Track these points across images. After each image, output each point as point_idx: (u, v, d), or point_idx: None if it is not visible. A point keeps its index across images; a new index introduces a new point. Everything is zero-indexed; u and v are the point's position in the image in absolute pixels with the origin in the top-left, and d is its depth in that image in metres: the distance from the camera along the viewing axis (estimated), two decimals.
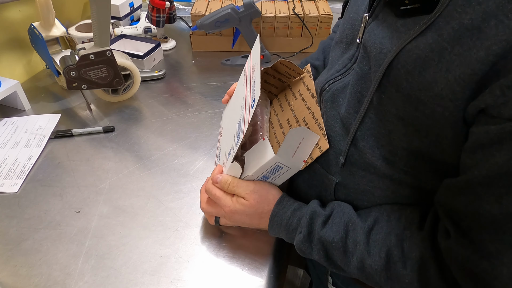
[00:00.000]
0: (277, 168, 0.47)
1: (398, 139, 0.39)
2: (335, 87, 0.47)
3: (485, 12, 0.29)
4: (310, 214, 0.45)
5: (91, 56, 0.70)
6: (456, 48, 0.31)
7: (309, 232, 0.44)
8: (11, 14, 0.82)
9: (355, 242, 0.42)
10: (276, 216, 0.47)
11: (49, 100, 0.81)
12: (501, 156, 0.30)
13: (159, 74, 0.90)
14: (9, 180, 0.60)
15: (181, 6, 1.27)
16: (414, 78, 0.34)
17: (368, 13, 0.42)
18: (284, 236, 0.48)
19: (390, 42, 0.36)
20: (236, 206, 0.48)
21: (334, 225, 0.44)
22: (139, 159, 0.66)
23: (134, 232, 0.53)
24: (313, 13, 0.97)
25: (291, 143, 0.45)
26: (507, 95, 0.28)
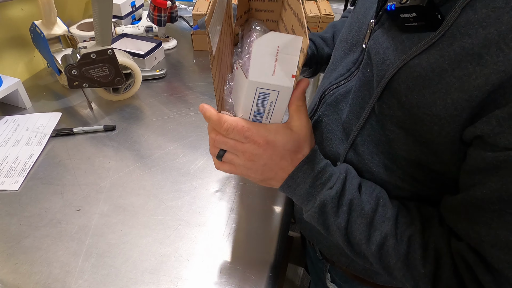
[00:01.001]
0: (263, 96, 0.37)
1: (399, 148, 0.39)
2: (338, 91, 0.47)
3: (486, 38, 0.29)
4: (346, 173, 0.41)
5: (92, 54, 0.70)
6: (456, 71, 0.31)
7: (342, 190, 0.40)
8: (13, 12, 0.82)
9: (384, 218, 0.39)
10: (308, 163, 0.40)
11: (50, 99, 0.81)
12: (496, 182, 0.31)
13: (160, 73, 0.90)
14: (10, 178, 0.61)
15: (183, 6, 1.27)
16: (413, 95, 0.34)
17: (374, 20, 0.42)
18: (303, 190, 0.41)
19: (393, 54, 0.37)
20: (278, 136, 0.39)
21: (365, 194, 0.41)
22: (139, 158, 0.66)
23: (134, 230, 0.53)
24: (314, 13, 0.97)
25: (264, 58, 0.34)
26: (503, 125, 0.29)
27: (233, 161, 0.41)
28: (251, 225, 0.55)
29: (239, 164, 0.41)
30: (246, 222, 0.56)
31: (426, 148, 0.37)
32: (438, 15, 0.32)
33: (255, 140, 0.38)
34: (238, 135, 0.38)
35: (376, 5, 0.43)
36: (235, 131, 0.38)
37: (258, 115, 0.39)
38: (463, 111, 0.31)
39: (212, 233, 0.54)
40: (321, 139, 0.49)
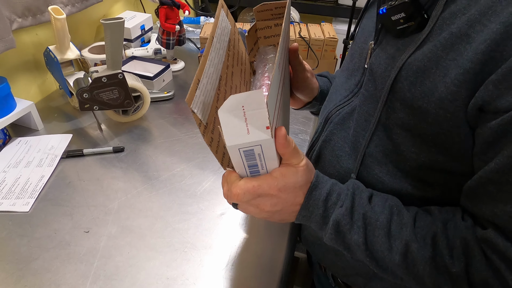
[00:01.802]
0: (248, 153, 0.36)
1: (408, 151, 0.41)
2: (344, 111, 0.50)
3: (469, 19, 0.33)
4: (353, 188, 0.42)
5: (103, 78, 0.72)
6: (450, 55, 0.34)
7: (352, 205, 0.40)
8: (29, 37, 0.85)
9: (401, 225, 0.39)
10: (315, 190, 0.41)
11: (62, 120, 0.84)
12: (508, 147, 0.31)
13: (168, 95, 0.92)
14: (21, 199, 0.62)
15: (190, 28, 1.31)
16: (416, 88, 0.37)
17: (373, 41, 0.46)
18: (319, 216, 0.41)
19: (393, 61, 0.40)
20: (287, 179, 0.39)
21: (378, 205, 0.41)
22: (147, 179, 0.68)
23: (141, 253, 0.54)
24: (318, 36, 1.00)
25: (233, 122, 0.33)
26: (500, 88, 0.31)
27: (249, 211, 0.42)
28: (256, 248, 0.56)
29: (255, 213, 0.41)
30: (252, 244, 0.56)
31: (434, 146, 0.38)
32: (425, 14, 0.37)
33: (268, 193, 0.38)
34: (251, 196, 0.39)
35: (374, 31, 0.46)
36: (248, 194, 0.38)
37: (253, 168, 0.39)
38: (461, 86, 0.33)
39: (218, 256, 0.54)
40: (331, 157, 0.51)
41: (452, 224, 0.38)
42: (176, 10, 0.98)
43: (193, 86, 0.34)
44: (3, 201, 0.62)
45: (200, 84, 0.36)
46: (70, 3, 0.89)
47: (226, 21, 0.46)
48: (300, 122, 0.85)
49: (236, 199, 0.39)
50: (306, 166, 0.40)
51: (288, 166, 0.39)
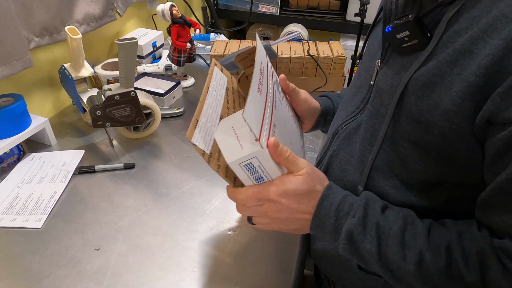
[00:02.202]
0: (249, 166, 0.41)
1: (414, 164, 0.42)
2: (350, 126, 0.52)
3: (472, 37, 0.35)
4: (365, 199, 0.43)
5: (116, 96, 0.74)
6: (454, 69, 0.36)
7: (365, 216, 0.41)
8: (45, 55, 0.88)
9: (415, 235, 0.40)
10: (326, 200, 0.43)
11: (74, 136, 0.85)
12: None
13: (178, 111, 0.93)
14: (34, 216, 0.63)
15: (200, 45, 1.33)
16: (423, 101, 0.39)
17: (380, 59, 0.48)
18: (331, 225, 0.43)
19: (399, 77, 0.42)
20: (286, 186, 0.42)
21: (391, 215, 0.42)
22: (157, 197, 0.68)
23: (151, 271, 0.54)
24: (327, 54, 1.01)
25: (227, 141, 0.39)
26: (507, 100, 0.32)
27: (261, 221, 0.45)
28: (266, 268, 0.56)
29: (268, 224, 0.45)
30: (261, 264, 0.56)
31: (440, 158, 0.39)
32: (428, 33, 0.39)
33: (269, 198, 0.42)
34: (253, 201, 0.43)
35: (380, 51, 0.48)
36: (250, 199, 0.43)
37: (259, 180, 0.43)
38: (465, 98, 0.35)
39: (227, 276, 0.54)
40: (338, 171, 0.53)
41: (468, 235, 0.39)
42: (187, 28, 1.00)
43: (191, 125, 0.41)
44: (16, 217, 0.63)
45: (199, 122, 0.43)
46: (85, 22, 0.91)
47: (221, 74, 0.54)
48: (308, 140, 0.86)
49: (241, 204, 0.44)
50: (307, 175, 0.43)
51: (288, 174, 0.43)
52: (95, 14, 0.94)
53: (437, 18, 0.39)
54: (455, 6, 0.37)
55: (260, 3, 1.74)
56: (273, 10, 1.74)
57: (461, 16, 0.37)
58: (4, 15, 0.67)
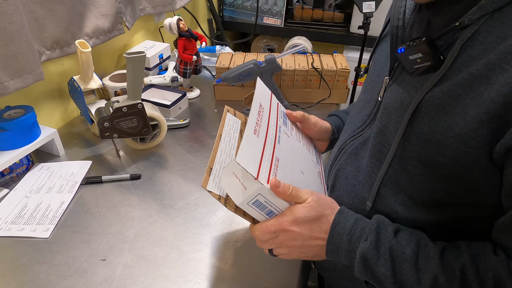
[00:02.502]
0: (256, 203, 0.44)
1: (423, 181, 0.42)
2: (357, 142, 0.53)
3: (489, 63, 0.36)
4: (377, 222, 0.44)
5: (124, 108, 0.75)
6: (469, 94, 0.37)
7: (377, 239, 0.43)
8: (55, 67, 0.90)
9: (428, 258, 0.40)
10: (338, 225, 0.45)
11: (82, 146, 0.87)
12: None
13: (184, 122, 0.95)
14: (42, 225, 0.64)
15: (206, 57, 1.36)
16: (436, 122, 0.39)
17: (388, 76, 0.49)
18: (344, 250, 0.44)
19: (409, 96, 0.43)
20: (296, 214, 0.44)
21: (404, 239, 0.42)
22: (163, 208, 0.69)
23: (156, 283, 0.55)
24: (331, 67, 1.02)
25: (233, 185, 0.43)
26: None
27: (281, 252, 0.48)
28: (270, 279, 0.56)
29: (288, 253, 0.48)
30: (265, 276, 0.57)
31: (450, 178, 0.40)
32: (441, 56, 0.39)
33: (282, 229, 0.45)
34: (268, 234, 0.46)
35: (388, 66, 0.49)
36: (264, 234, 0.46)
37: (270, 214, 0.46)
38: (482, 124, 0.35)
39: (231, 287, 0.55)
40: (345, 186, 0.54)
41: (483, 257, 0.39)
42: (193, 41, 1.02)
43: (206, 173, 0.46)
44: (24, 227, 0.64)
45: (213, 170, 0.47)
46: (94, 36, 0.94)
47: (234, 119, 0.58)
48: None
49: (258, 240, 0.47)
50: (313, 202, 0.45)
51: (294, 205, 0.45)
52: (104, 27, 0.96)
53: (450, 41, 0.40)
54: (469, 31, 0.37)
55: (265, 16, 1.77)
56: (277, 22, 1.77)
57: (475, 41, 0.37)
58: (18, 31, 0.69)
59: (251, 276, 0.57)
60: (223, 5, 1.83)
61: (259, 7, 1.72)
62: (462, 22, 0.38)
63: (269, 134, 0.49)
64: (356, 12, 1.65)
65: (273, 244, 0.47)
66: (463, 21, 0.38)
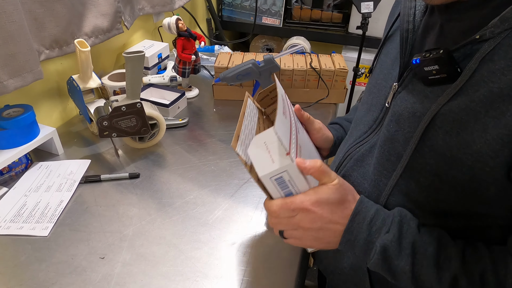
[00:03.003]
0: (279, 180, 0.43)
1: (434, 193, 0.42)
2: (363, 148, 0.52)
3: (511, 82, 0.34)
4: (400, 215, 0.43)
5: (123, 107, 0.76)
6: (490, 112, 0.35)
7: (400, 233, 0.42)
8: (54, 66, 0.91)
9: (449, 258, 0.40)
10: (358, 214, 0.44)
11: (81, 145, 0.87)
12: None
13: (182, 122, 0.95)
14: (41, 224, 0.64)
15: (205, 56, 1.36)
16: (452, 138, 0.38)
17: (397, 82, 0.47)
18: (363, 240, 0.43)
19: (422, 107, 0.41)
20: (319, 195, 0.42)
21: (426, 235, 0.42)
22: (161, 206, 0.69)
23: (154, 281, 0.55)
24: (329, 67, 1.03)
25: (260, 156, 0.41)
26: None
27: (294, 235, 0.46)
28: (267, 278, 0.57)
29: (300, 237, 0.46)
30: (263, 274, 0.57)
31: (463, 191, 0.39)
32: (458, 68, 0.38)
33: (302, 207, 0.43)
34: (287, 211, 0.43)
35: (396, 71, 0.48)
36: (283, 209, 0.43)
37: (288, 195, 0.44)
38: (504, 145, 0.34)
39: (229, 286, 0.55)
40: None
41: (503, 264, 0.38)
42: (192, 41, 1.03)
43: (235, 137, 0.44)
44: (23, 225, 0.64)
45: (240, 137, 0.45)
46: (93, 35, 0.94)
47: (253, 105, 0.57)
48: None
49: (274, 216, 0.44)
50: (339, 185, 0.43)
51: (320, 185, 0.43)
52: (103, 27, 0.96)
53: (468, 52, 0.38)
54: (490, 44, 0.36)
55: (264, 15, 1.78)
56: (276, 22, 1.77)
57: (496, 55, 0.35)
58: (18, 30, 0.69)
59: (249, 275, 0.57)
60: (222, 5, 1.83)
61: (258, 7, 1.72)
62: (483, 35, 0.36)
63: (292, 121, 0.49)
64: (354, 12, 1.66)
65: (288, 224, 0.45)
66: (484, 33, 0.36)
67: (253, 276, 0.57)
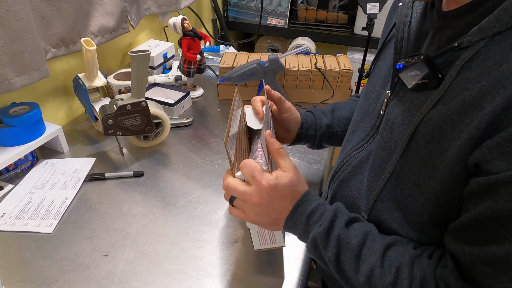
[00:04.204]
0: None
1: (414, 204, 0.43)
2: (361, 155, 0.53)
3: (481, 90, 0.35)
4: (334, 211, 0.47)
5: (128, 106, 0.76)
6: (464, 120, 0.36)
7: (330, 227, 0.45)
8: (60, 65, 0.91)
9: (371, 251, 0.43)
10: (301, 205, 0.47)
11: (86, 143, 0.88)
12: (487, 203, 0.34)
13: (187, 121, 0.95)
14: (46, 221, 0.65)
15: (210, 56, 1.36)
16: (432, 145, 0.39)
17: (390, 90, 0.48)
18: (300, 229, 0.47)
19: (409, 115, 0.43)
20: (279, 180, 0.46)
21: (354, 229, 0.45)
22: (165, 205, 0.70)
23: (157, 279, 0.56)
24: (334, 67, 1.03)
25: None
26: (493, 153, 0.33)
27: (243, 206, 0.49)
28: (270, 277, 0.56)
29: (248, 209, 0.48)
30: (265, 273, 0.57)
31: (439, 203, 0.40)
32: (439, 74, 0.39)
33: (260, 181, 0.45)
34: (248, 172, 0.46)
35: (390, 78, 0.49)
36: (247, 167, 0.46)
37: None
38: (467, 150, 0.36)
39: (232, 285, 0.55)
40: (348, 197, 0.54)
41: (419, 260, 0.42)
42: (198, 41, 1.03)
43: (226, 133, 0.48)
44: (28, 222, 0.65)
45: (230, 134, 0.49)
46: (100, 34, 0.95)
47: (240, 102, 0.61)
48: (314, 152, 0.87)
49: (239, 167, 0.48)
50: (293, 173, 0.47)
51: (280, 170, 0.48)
52: (109, 26, 0.97)
53: (450, 59, 0.39)
54: (469, 52, 0.36)
55: (269, 16, 1.78)
56: (281, 23, 1.77)
57: (473, 63, 0.36)
58: (25, 28, 0.70)
59: (251, 274, 0.57)
60: (228, 6, 1.83)
61: (263, 7, 1.72)
62: (461, 43, 0.37)
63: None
64: (360, 13, 1.65)
65: (242, 193, 0.47)
66: (462, 42, 0.37)
67: (256, 276, 0.57)
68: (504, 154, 0.33)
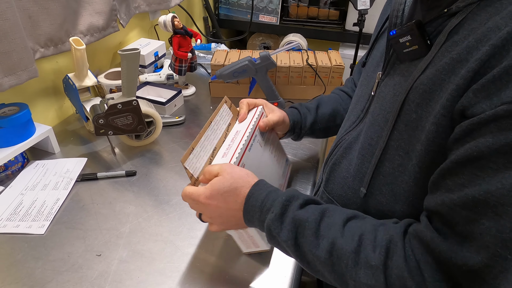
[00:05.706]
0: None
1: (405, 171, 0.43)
2: (351, 136, 0.54)
3: (468, 46, 0.37)
4: (287, 197, 0.46)
5: (119, 105, 0.76)
6: (452, 78, 0.37)
7: (283, 212, 0.45)
8: (49, 65, 0.90)
9: (329, 226, 0.42)
10: (251, 197, 0.47)
11: (77, 144, 0.87)
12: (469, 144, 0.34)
13: (179, 119, 0.95)
14: (37, 222, 0.64)
15: (201, 54, 1.36)
16: (423, 109, 0.40)
17: (381, 71, 0.50)
18: (257, 220, 0.47)
19: (400, 86, 0.44)
20: (212, 187, 0.47)
21: (310, 208, 0.45)
22: (158, 204, 0.69)
23: (151, 277, 0.55)
24: (325, 63, 1.03)
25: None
26: (478, 96, 0.34)
27: (207, 220, 0.52)
28: (264, 273, 0.57)
29: (212, 222, 0.52)
30: (258, 270, 0.57)
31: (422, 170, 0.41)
32: (428, 41, 0.41)
33: (200, 202, 0.49)
34: (189, 200, 0.51)
35: (382, 62, 0.50)
36: (185, 197, 0.51)
37: None
38: (453, 101, 0.36)
39: (226, 281, 0.55)
40: (340, 179, 0.55)
41: (384, 227, 0.42)
42: (188, 38, 1.03)
43: (188, 151, 0.50)
44: (20, 223, 0.64)
45: (194, 150, 0.51)
46: (89, 33, 0.94)
47: (228, 111, 0.63)
48: (307, 148, 0.87)
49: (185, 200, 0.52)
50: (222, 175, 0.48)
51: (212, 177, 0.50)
52: (98, 25, 0.96)
53: (440, 28, 0.41)
54: (457, 17, 0.39)
55: (261, 13, 1.77)
56: (273, 20, 1.77)
57: (461, 28, 0.38)
58: (11, 28, 0.69)
59: (245, 270, 0.57)
60: (219, 3, 1.83)
61: (254, 5, 1.72)
62: (450, 9, 0.39)
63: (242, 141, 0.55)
64: (351, 9, 1.66)
65: (199, 210, 0.51)
66: (450, 8, 0.39)
67: (250, 272, 0.57)
68: (488, 96, 0.33)
